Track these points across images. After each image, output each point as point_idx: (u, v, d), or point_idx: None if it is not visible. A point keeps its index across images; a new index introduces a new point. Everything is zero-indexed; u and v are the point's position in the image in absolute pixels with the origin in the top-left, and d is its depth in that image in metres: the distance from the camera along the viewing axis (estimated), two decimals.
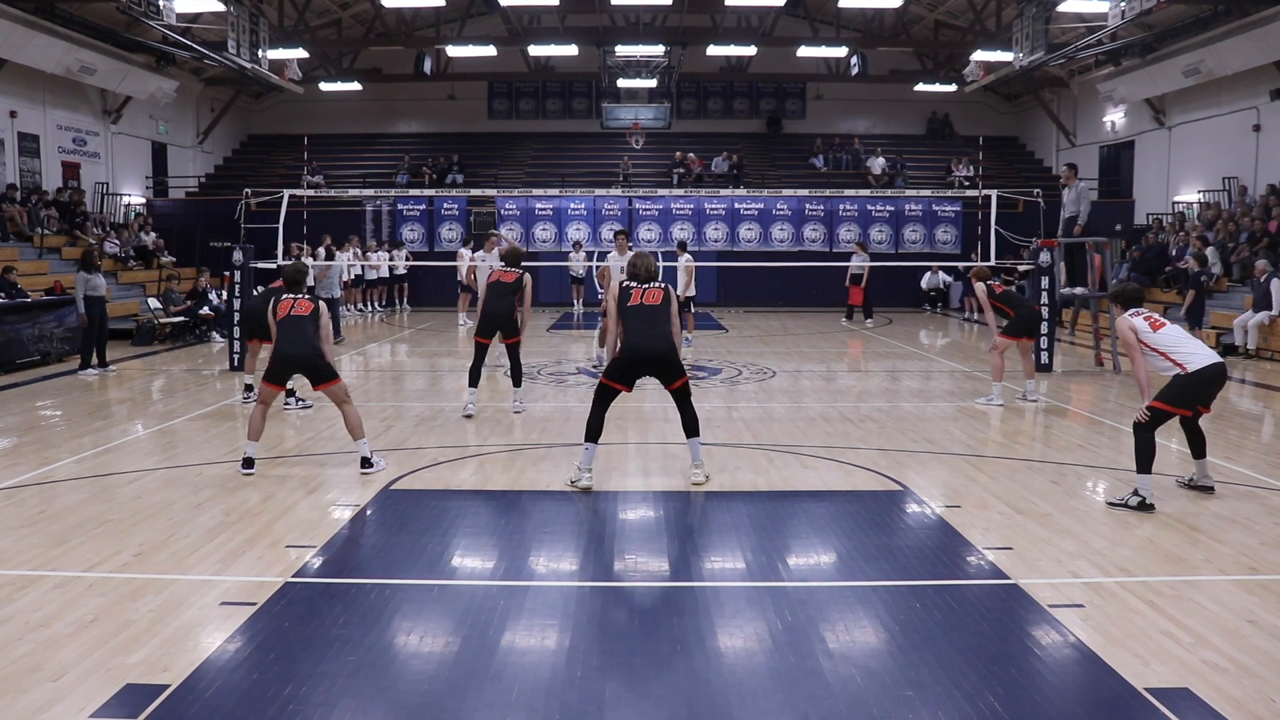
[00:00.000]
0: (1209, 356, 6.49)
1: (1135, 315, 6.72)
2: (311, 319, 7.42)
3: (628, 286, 7.03)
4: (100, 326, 13.34)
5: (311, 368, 7.39)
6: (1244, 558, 5.45)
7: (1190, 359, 6.42)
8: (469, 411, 9.78)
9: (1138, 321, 6.64)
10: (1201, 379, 6.41)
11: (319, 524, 6.10)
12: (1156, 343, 6.52)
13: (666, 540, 5.89)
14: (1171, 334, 6.58)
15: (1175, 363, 6.42)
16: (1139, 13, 16.54)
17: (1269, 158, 19.41)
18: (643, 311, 6.91)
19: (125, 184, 23.73)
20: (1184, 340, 6.58)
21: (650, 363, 6.92)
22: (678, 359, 6.97)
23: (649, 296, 6.96)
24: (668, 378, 6.98)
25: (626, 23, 26.38)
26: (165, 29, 18.40)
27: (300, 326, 7.37)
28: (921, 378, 13.31)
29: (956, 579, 5.21)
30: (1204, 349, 6.57)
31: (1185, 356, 6.43)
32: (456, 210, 25.42)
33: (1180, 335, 6.62)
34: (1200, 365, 6.40)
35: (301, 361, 7.38)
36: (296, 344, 7.33)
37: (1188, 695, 3.79)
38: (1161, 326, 6.59)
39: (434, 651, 4.28)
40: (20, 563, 5.33)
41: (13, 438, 8.91)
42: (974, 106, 29.18)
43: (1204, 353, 6.52)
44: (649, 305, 6.93)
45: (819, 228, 25.47)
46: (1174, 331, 6.62)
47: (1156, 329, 6.56)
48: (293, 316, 7.40)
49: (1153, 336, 6.54)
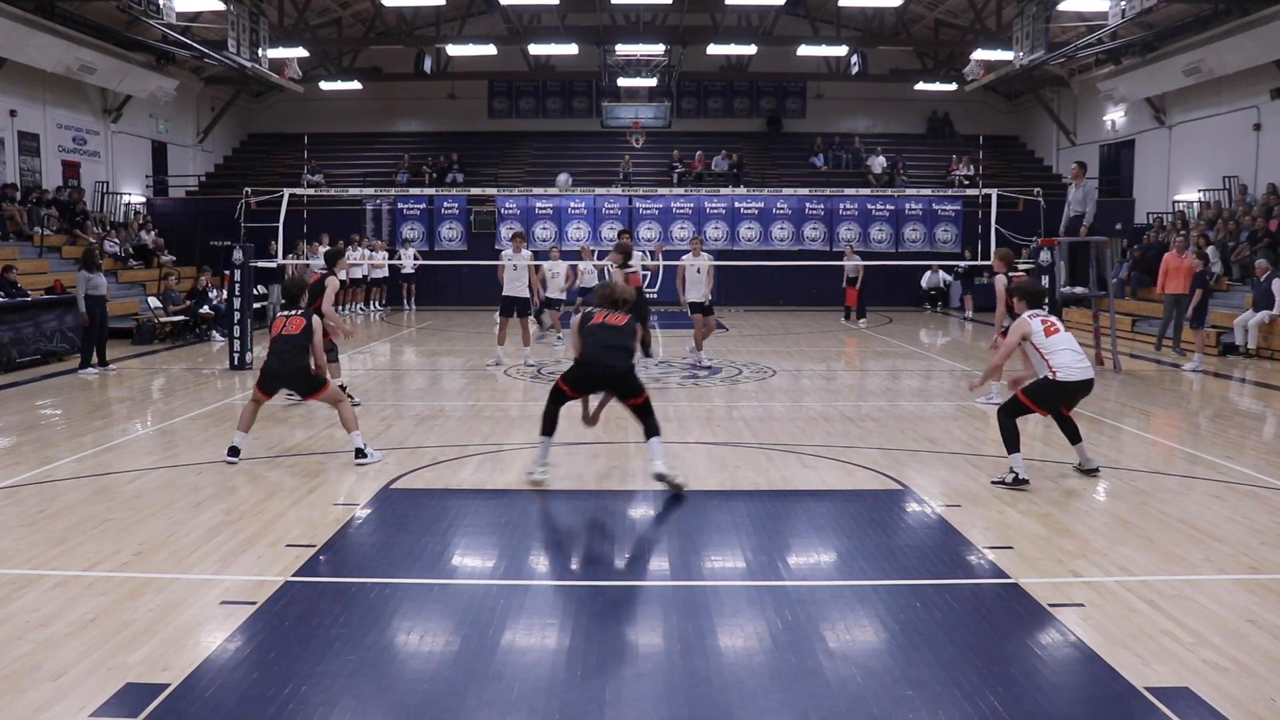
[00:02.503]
0: (1083, 372, 6.93)
1: (1034, 317, 7.11)
2: (302, 336, 7.69)
3: (590, 312, 7.24)
4: (101, 325, 13.36)
5: (299, 383, 7.75)
6: (1244, 557, 5.45)
7: (1063, 369, 6.88)
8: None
9: (1034, 324, 7.05)
10: (1065, 388, 6.91)
11: (319, 524, 6.10)
12: (1042, 345, 6.97)
13: (666, 540, 5.89)
14: (1060, 341, 6.99)
15: (1050, 367, 6.89)
16: (1139, 12, 16.54)
17: (1269, 157, 19.40)
18: (602, 331, 6.98)
19: (125, 183, 23.73)
20: (1066, 350, 6.95)
21: (608, 382, 7.00)
22: (635, 378, 6.98)
23: (612, 318, 7.05)
24: (625, 395, 6.98)
25: (627, 22, 26.37)
26: (165, 28, 18.40)
27: (289, 345, 7.66)
28: (922, 377, 13.31)
29: (957, 578, 5.20)
30: (1081, 363, 6.97)
31: (1060, 365, 6.89)
32: (456, 209, 25.42)
33: (1065, 344, 7.00)
34: (1069, 378, 6.87)
35: (289, 378, 7.76)
36: (285, 361, 7.64)
37: (1188, 695, 3.79)
38: (1055, 332, 7.02)
39: (434, 651, 4.28)
40: (20, 562, 5.33)
41: (13, 437, 8.92)
42: (974, 106, 29.18)
43: (1079, 367, 6.93)
44: (610, 325, 7.01)
45: (819, 227, 25.47)
46: (1063, 340, 7.01)
47: (1050, 334, 7.00)
48: (283, 335, 7.72)
49: (1043, 340, 6.97)
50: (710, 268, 13.61)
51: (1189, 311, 14.38)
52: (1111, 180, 25.53)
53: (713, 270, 13.68)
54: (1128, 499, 6.74)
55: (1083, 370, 6.94)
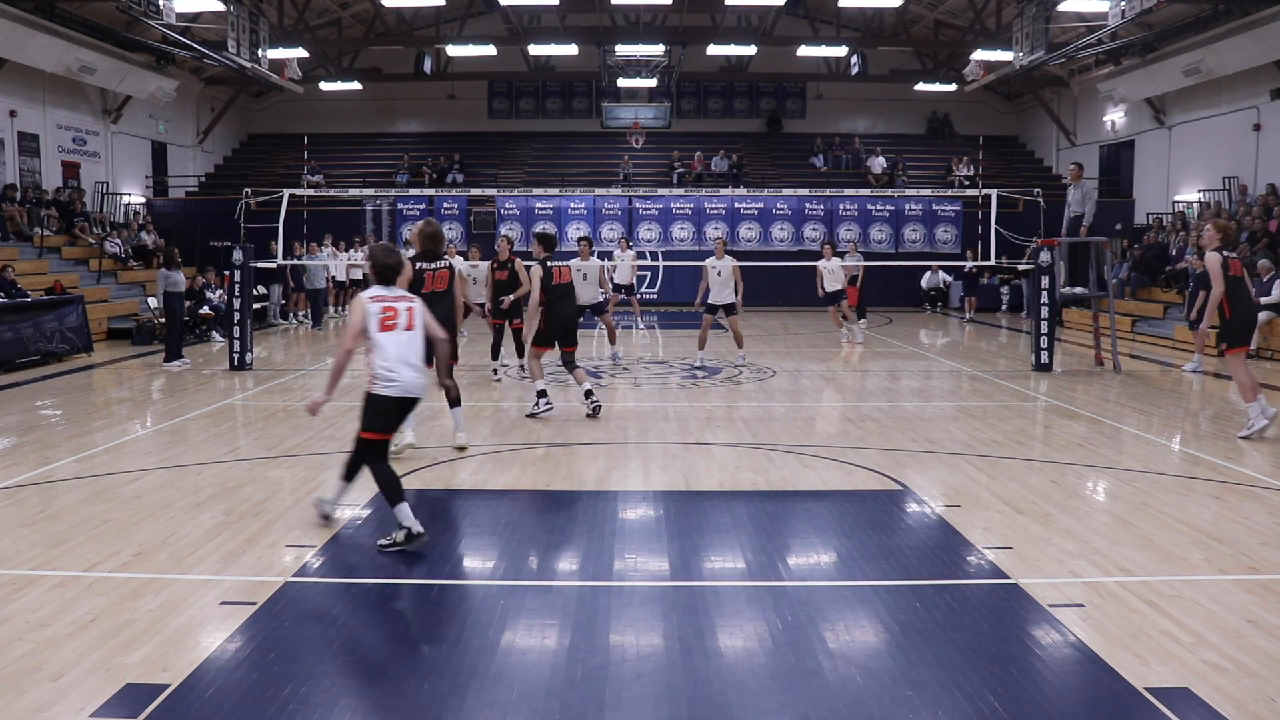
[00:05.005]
0: (404, 388, 5.64)
1: (375, 300, 5.71)
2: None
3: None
4: (179, 320, 14.07)
5: None
6: (1244, 558, 5.45)
7: (384, 373, 5.60)
8: None
9: (372, 306, 5.66)
10: (384, 402, 5.63)
11: (319, 524, 6.10)
12: (376, 339, 5.64)
13: (666, 540, 5.89)
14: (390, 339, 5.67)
15: (370, 367, 5.65)
16: (1139, 12, 16.54)
17: (1269, 157, 19.40)
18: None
19: (125, 183, 23.74)
20: (393, 354, 5.64)
21: None
22: None
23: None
24: None
25: (626, 22, 26.38)
26: (165, 28, 18.40)
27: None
28: (921, 377, 13.31)
29: (956, 579, 5.20)
30: (407, 373, 5.64)
31: (382, 367, 5.61)
32: (456, 210, 25.42)
33: (392, 345, 5.65)
34: (381, 391, 5.61)
35: None
36: None
37: (1188, 695, 3.79)
38: (391, 329, 5.68)
39: (434, 651, 4.28)
40: (20, 563, 5.33)
41: (13, 437, 8.91)
42: (974, 106, 29.19)
43: (405, 378, 5.63)
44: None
45: (819, 227, 25.47)
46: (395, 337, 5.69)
47: (385, 328, 5.66)
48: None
49: (378, 336, 5.64)
50: (736, 268, 13.50)
51: (1192, 313, 14.39)
52: (1111, 181, 25.53)
53: (738, 270, 13.56)
54: (1128, 499, 6.74)
55: (409, 383, 5.66)
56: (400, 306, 5.80)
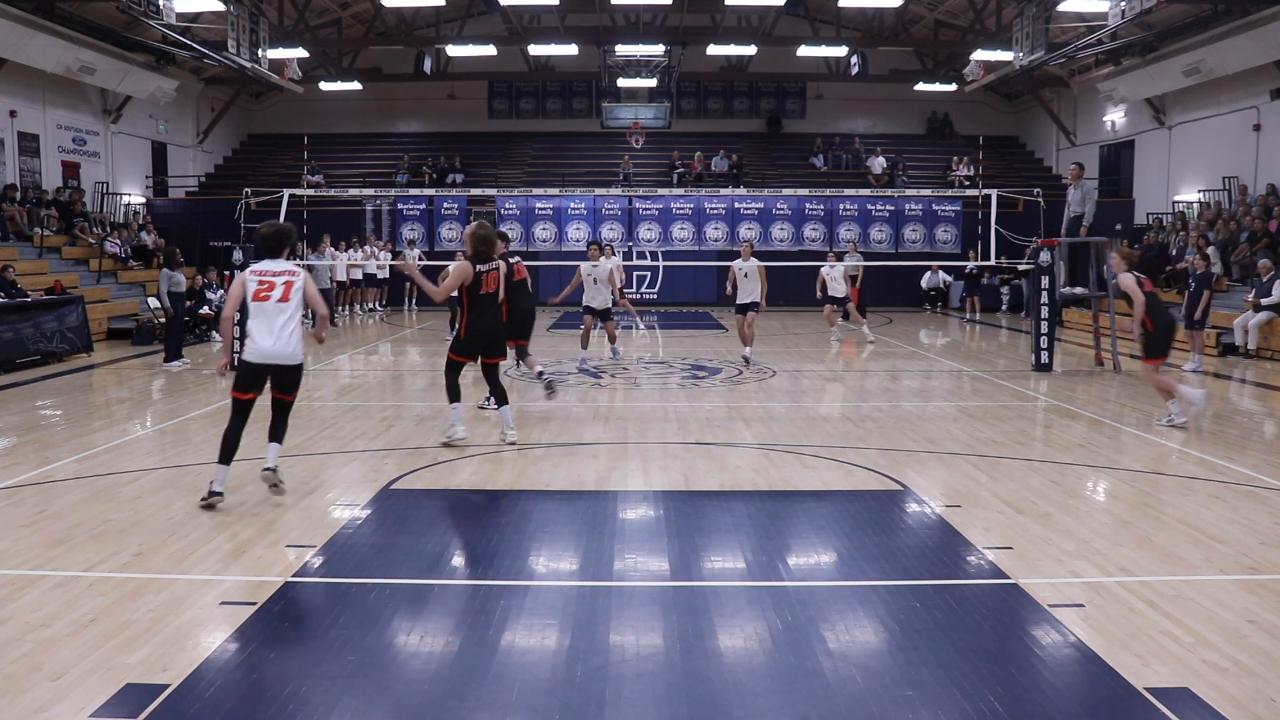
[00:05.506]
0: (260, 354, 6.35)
1: (254, 273, 6.45)
2: None
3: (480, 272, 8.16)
4: (181, 320, 14.11)
5: None
6: (1244, 558, 5.45)
7: (247, 340, 6.42)
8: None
9: (250, 279, 6.44)
10: (244, 365, 6.41)
11: (319, 524, 6.10)
12: (250, 308, 6.43)
13: (666, 540, 5.89)
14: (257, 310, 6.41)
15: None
16: (1139, 12, 16.55)
17: (1269, 157, 19.40)
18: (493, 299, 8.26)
19: (125, 183, 23.74)
20: (258, 322, 6.39)
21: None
22: None
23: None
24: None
25: (626, 22, 26.38)
26: (165, 28, 18.41)
27: None
28: (921, 377, 13.31)
29: (956, 579, 5.20)
30: (263, 342, 6.35)
31: (248, 335, 6.43)
32: (456, 210, 25.42)
33: (259, 314, 6.41)
34: (244, 355, 6.41)
35: None
36: None
37: (1188, 695, 3.79)
38: (265, 299, 6.38)
39: (434, 651, 4.28)
40: (20, 563, 5.32)
41: (13, 437, 8.91)
42: (974, 106, 29.19)
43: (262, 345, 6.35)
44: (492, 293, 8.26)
45: (819, 227, 25.47)
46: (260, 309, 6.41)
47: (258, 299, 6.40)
48: None
49: (251, 305, 6.43)
50: (762, 270, 13.78)
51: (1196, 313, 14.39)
52: (1111, 181, 25.54)
53: (763, 271, 13.82)
54: (1128, 499, 6.75)
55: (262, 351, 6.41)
56: (279, 280, 6.43)
